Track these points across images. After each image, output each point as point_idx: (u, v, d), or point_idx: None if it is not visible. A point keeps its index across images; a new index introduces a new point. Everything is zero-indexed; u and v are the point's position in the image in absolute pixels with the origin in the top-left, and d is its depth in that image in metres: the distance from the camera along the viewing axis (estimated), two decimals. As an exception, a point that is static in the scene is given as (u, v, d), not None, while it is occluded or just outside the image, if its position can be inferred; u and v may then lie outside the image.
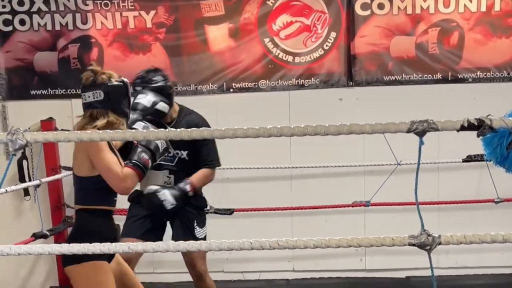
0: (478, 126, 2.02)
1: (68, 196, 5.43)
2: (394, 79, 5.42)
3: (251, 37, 5.42)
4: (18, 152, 2.06)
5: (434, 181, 5.42)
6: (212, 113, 5.40)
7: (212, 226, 5.31)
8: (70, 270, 3.02)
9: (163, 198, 3.77)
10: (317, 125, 2.06)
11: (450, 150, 5.22)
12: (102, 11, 5.41)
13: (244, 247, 2.11)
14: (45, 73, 5.53)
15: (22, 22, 5.44)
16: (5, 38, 5.48)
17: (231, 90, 5.49)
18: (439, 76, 5.41)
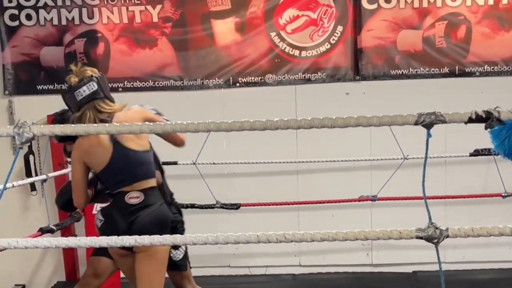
0: (486, 119, 2.00)
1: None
2: (401, 73, 5.40)
3: (258, 31, 5.41)
4: (25, 145, 2.05)
5: (441, 175, 5.41)
6: (219, 107, 5.42)
7: (219, 221, 5.35)
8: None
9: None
10: (324, 117, 2.03)
11: (457, 144, 5.21)
12: (108, 6, 5.40)
13: (251, 240, 2.09)
14: (51, 68, 5.53)
15: (29, 17, 5.45)
16: (11, 33, 5.49)
17: (238, 84, 5.48)
18: (446, 70, 5.39)
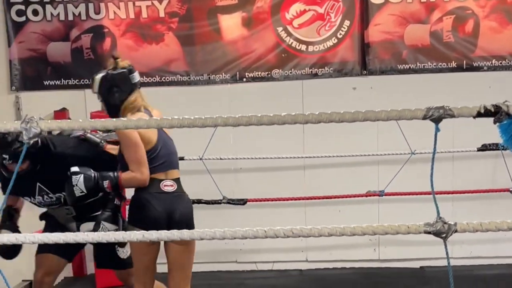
0: (495, 113, 1.97)
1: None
2: (408, 67, 5.38)
3: (264, 26, 5.39)
4: (32, 140, 2.05)
5: (448, 170, 5.39)
6: (225, 102, 5.41)
7: (225, 217, 5.34)
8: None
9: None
10: (331, 112, 2.01)
11: (464, 139, 5.19)
12: (115, 1, 5.40)
13: (258, 235, 2.08)
14: (58, 63, 5.53)
15: (35, 13, 5.45)
16: (18, 29, 5.49)
17: (244, 79, 5.47)
18: (454, 64, 5.36)
